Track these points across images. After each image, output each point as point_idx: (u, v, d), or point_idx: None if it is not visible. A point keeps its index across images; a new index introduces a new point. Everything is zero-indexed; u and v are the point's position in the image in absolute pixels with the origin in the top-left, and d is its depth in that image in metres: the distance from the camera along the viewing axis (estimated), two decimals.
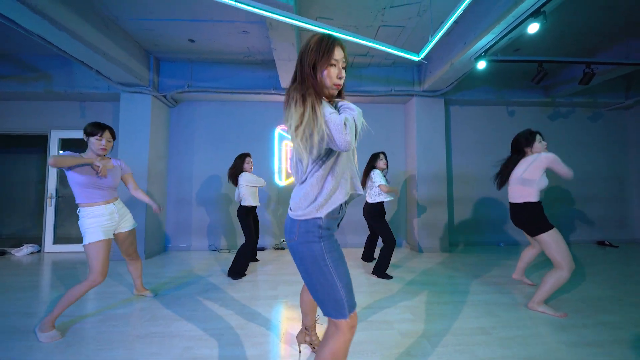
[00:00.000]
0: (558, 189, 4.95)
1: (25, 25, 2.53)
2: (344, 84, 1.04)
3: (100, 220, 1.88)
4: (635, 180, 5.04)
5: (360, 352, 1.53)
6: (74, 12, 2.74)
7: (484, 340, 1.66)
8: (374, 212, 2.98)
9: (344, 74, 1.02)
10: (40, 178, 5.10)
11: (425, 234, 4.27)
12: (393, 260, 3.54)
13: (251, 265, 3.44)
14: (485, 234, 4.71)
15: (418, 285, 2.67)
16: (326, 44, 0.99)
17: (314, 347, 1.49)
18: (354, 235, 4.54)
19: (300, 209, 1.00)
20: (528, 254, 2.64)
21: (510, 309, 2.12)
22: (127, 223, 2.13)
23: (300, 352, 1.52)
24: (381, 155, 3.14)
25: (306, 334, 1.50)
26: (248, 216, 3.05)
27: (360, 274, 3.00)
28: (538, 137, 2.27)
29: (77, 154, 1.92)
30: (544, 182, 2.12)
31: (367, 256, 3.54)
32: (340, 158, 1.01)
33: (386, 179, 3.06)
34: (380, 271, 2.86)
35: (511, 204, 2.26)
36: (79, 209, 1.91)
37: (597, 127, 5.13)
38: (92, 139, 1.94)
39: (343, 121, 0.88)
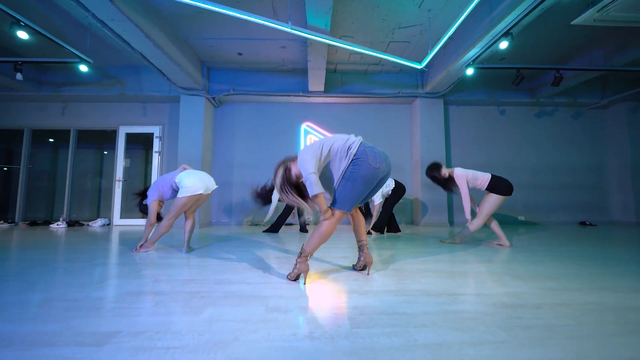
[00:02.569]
0: (546, 178, 5.71)
1: (135, 46, 3.51)
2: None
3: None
4: (613, 170, 5.77)
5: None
6: (165, 35, 3.72)
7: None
8: None
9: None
10: (107, 168, 6.12)
11: (428, 212, 5.08)
12: (404, 231, 4.38)
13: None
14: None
15: (420, 240, 3.49)
16: None
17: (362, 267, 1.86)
18: None
19: None
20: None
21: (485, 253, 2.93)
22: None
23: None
24: None
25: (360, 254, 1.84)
26: None
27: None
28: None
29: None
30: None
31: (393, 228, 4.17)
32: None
33: None
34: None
35: None
36: None
37: (579, 124, 5.90)
38: None
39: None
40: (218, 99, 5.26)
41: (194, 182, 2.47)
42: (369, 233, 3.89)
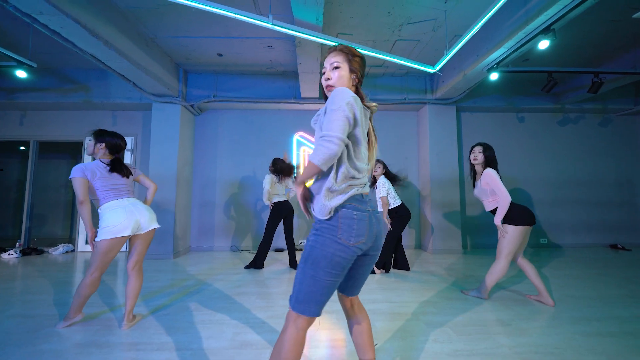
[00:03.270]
0: (570, 194, 5.05)
1: (81, 46, 2.83)
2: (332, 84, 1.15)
3: None
4: None
5: (390, 338, 1.71)
6: (122, 33, 3.04)
7: (503, 330, 1.82)
8: None
9: (329, 75, 1.15)
10: (69, 182, 5.45)
11: (438, 236, 4.42)
12: (411, 261, 3.72)
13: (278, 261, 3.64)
14: (495, 236, 4.83)
15: (435, 283, 2.84)
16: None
17: None
18: None
19: None
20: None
21: (526, 304, 2.27)
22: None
23: None
24: None
25: None
26: None
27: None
28: None
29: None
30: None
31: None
32: None
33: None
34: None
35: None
36: None
37: (607, 133, 5.23)
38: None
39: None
40: (197, 107, 4.58)
41: (118, 218, 1.79)
42: (372, 272, 3.22)
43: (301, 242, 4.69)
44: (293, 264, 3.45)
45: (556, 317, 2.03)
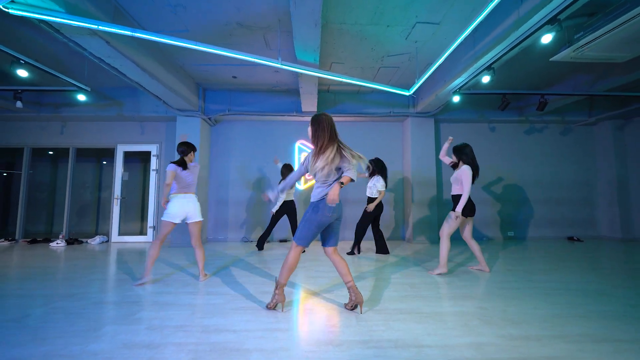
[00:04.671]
0: (535, 193, 5.85)
1: (132, 77, 3.64)
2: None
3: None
4: (601, 186, 5.90)
5: (361, 288, 2.50)
6: (159, 64, 3.84)
7: (447, 285, 2.61)
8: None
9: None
10: (105, 183, 6.24)
11: (418, 228, 5.22)
12: (392, 248, 4.52)
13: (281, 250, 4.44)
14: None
15: (410, 264, 3.62)
16: None
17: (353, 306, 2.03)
18: None
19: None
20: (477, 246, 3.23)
21: (469, 273, 3.06)
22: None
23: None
24: None
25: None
26: None
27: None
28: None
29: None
30: None
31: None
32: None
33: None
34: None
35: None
36: None
37: (568, 140, 6.03)
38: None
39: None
40: (214, 119, 5.39)
41: (174, 209, 2.61)
42: (352, 253, 4.02)
43: None
44: None
45: (489, 281, 2.81)
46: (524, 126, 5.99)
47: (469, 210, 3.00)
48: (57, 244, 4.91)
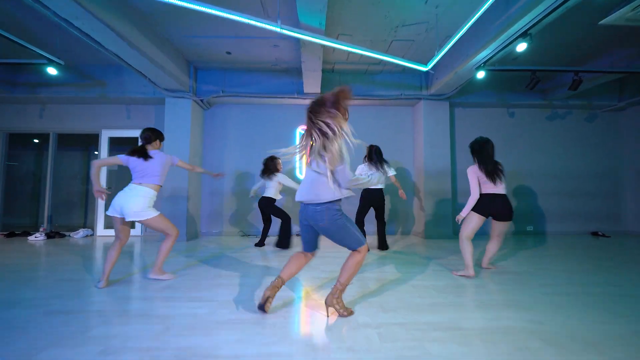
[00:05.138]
0: (557, 185, 5.38)
1: (108, 47, 3.14)
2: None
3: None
4: (629, 177, 5.44)
5: (378, 293, 2.06)
6: (142, 34, 3.34)
7: (477, 290, 2.17)
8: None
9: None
10: (87, 174, 5.77)
11: (431, 223, 4.77)
12: (402, 246, 4.08)
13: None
14: (486, 225, 5.18)
15: (424, 262, 3.18)
16: None
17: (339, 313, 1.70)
18: None
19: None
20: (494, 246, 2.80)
21: (502, 273, 2.62)
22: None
23: (328, 315, 1.72)
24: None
25: (333, 297, 1.70)
26: (273, 204, 3.75)
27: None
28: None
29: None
30: None
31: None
32: None
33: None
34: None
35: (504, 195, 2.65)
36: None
37: (593, 127, 5.54)
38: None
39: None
40: (207, 101, 4.89)
41: (114, 199, 2.23)
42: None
43: None
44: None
45: (528, 284, 2.37)
46: (545, 112, 5.49)
47: (481, 209, 2.55)
48: (35, 237, 4.47)
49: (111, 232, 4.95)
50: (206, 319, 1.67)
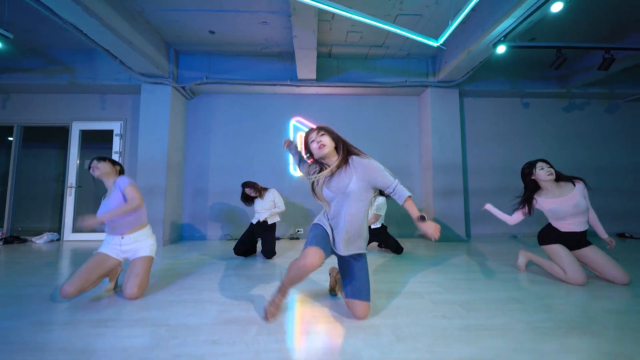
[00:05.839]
0: None
1: (62, 14, 2.64)
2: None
3: None
4: None
5: (395, 314, 1.53)
6: (105, 2, 2.85)
7: (519, 308, 1.64)
8: None
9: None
10: (58, 173, 5.23)
11: (441, 224, 4.23)
12: (408, 248, 3.55)
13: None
14: (501, 225, 4.64)
15: (441, 266, 2.65)
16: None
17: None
18: None
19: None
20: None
21: (539, 284, 2.09)
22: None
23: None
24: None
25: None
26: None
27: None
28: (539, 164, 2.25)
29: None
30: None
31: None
32: None
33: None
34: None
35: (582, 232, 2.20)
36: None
37: (614, 119, 5.07)
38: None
39: None
40: (189, 89, 4.38)
41: None
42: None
43: (297, 231, 4.51)
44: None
45: (572, 294, 1.85)
46: (562, 102, 5.02)
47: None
48: None
49: (80, 236, 4.38)
50: (141, 356, 1.13)
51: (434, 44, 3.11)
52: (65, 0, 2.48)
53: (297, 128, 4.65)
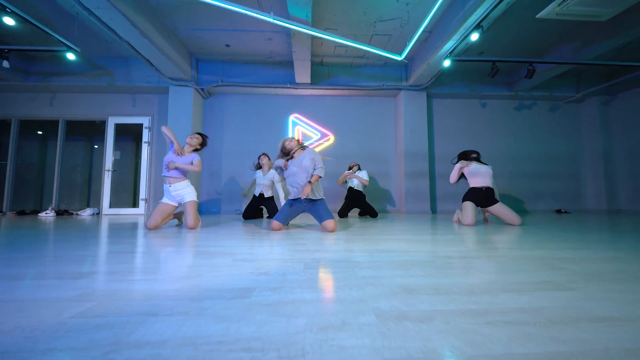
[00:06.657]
0: (525, 168, 5.97)
1: (122, 35, 3.60)
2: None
3: None
4: (587, 160, 6.06)
5: (353, 235, 2.53)
6: (151, 25, 3.81)
7: (445, 239, 2.66)
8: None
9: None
10: (85, 161, 6.16)
11: (410, 201, 5.28)
12: (384, 217, 4.57)
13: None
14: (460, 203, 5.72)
15: (406, 222, 3.68)
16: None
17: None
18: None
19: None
20: None
21: (461, 228, 3.12)
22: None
23: None
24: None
25: None
26: None
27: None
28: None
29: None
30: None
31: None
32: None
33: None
34: None
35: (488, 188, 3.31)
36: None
37: (556, 117, 6.17)
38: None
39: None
40: (207, 90, 5.36)
41: None
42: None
43: None
44: None
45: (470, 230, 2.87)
46: (513, 103, 6.10)
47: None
48: (45, 214, 4.83)
49: (115, 210, 5.33)
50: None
51: (398, 58, 4.15)
52: (126, 25, 3.44)
53: (295, 122, 5.66)
